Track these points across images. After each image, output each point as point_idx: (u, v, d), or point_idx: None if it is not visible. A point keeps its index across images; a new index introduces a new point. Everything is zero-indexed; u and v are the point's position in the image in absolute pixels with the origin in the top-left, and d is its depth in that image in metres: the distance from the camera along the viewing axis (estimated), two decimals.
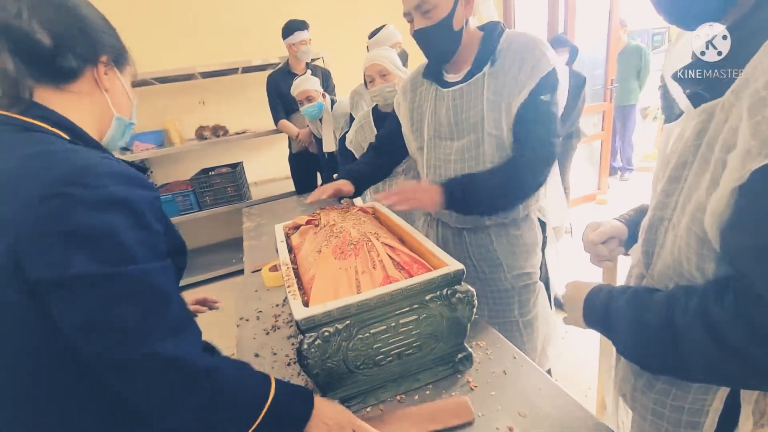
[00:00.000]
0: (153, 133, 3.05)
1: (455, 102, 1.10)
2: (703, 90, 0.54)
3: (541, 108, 1.02)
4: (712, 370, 0.50)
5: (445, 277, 0.78)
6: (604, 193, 3.99)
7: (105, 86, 0.68)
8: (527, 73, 1.00)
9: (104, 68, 0.67)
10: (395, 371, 0.82)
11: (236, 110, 3.50)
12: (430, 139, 1.18)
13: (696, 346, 0.49)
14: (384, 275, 0.81)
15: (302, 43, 2.65)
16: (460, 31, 1.03)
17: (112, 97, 0.70)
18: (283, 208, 2.51)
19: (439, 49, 1.07)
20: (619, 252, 0.81)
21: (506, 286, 1.19)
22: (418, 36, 1.05)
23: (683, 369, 0.53)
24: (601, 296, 0.64)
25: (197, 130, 3.19)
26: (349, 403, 0.80)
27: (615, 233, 0.80)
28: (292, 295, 0.78)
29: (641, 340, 0.56)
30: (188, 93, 3.36)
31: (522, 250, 1.18)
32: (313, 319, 0.71)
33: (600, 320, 0.64)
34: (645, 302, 0.56)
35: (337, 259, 0.85)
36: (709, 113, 0.52)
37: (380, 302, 0.74)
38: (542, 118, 1.03)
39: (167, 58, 3.11)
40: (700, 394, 0.59)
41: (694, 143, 0.54)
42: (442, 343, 0.84)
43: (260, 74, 3.33)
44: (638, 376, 0.68)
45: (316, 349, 0.72)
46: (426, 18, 1.01)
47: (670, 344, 0.52)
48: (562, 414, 0.73)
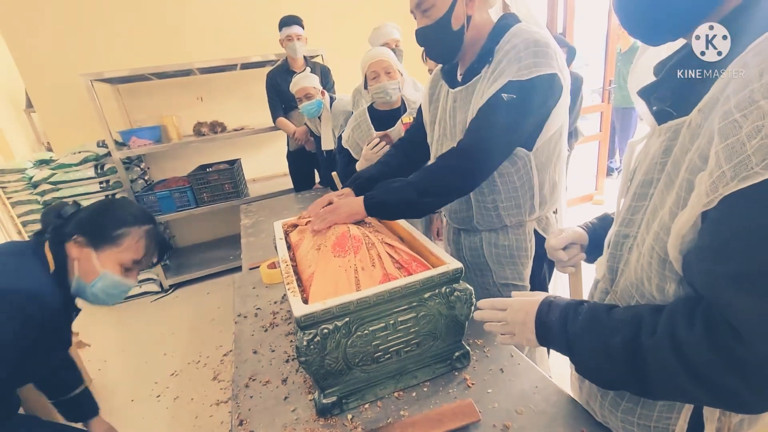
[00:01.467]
0: (150, 129, 3.03)
1: (455, 104, 1.09)
2: (669, 107, 0.54)
3: (494, 104, 0.92)
4: (677, 392, 0.49)
5: (444, 275, 0.79)
6: (601, 194, 4.01)
7: (73, 255, 1.00)
8: (503, 75, 0.92)
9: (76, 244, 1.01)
10: (393, 368, 0.83)
11: (234, 106, 3.49)
12: (439, 137, 1.17)
13: (662, 368, 0.48)
14: (383, 273, 0.82)
15: (289, 39, 2.64)
16: (461, 30, 0.98)
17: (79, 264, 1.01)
18: (280, 206, 2.51)
19: (438, 49, 1.03)
20: (579, 258, 0.83)
21: (494, 291, 1.19)
22: (418, 35, 1.02)
23: (646, 389, 0.52)
24: (553, 314, 0.62)
25: (195, 126, 3.18)
26: (347, 399, 0.81)
27: (576, 239, 0.81)
28: (291, 292, 0.79)
29: (603, 361, 0.54)
30: (186, 89, 3.34)
31: (508, 261, 1.14)
32: (313, 316, 0.71)
33: (557, 340, 0.61)
34: (606, 321, 0.55)
35: (336, 256, 0.85)
36: (675, 131, 0.52)
37: (379, 300, 0.75)
38: (488, 115, 0.93)
39: (165, 53, 3.10)
40: (664, 412, 0.59)
41: (660, 161, 0.54)
42: (440, 341, 0.84)
43: (259, 71, 3.32)
44: (604, 395, 0.68)
45: (315, 346, 0.73)
46: (426, 17, 0.98)
47: (634, 364, 0.51)
48: (558, 411, 0.74)
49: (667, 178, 0.51)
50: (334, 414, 0.80)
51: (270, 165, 3.78)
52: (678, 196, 0.48)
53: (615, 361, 0.53)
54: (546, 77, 0.90)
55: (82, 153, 2.78)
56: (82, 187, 2.79)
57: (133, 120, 3.28)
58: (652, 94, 0.57)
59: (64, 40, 2.89)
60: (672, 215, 0.48)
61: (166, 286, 3.14)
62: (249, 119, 3.51)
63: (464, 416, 0.75)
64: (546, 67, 0.89)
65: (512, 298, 0.71)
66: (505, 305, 0.69)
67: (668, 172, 0.51)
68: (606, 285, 0.67)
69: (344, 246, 0.87)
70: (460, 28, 0.98)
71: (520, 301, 0.68)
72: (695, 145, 0.46)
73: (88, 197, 2.80)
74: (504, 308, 0.69)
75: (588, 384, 0.71)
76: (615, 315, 0.55)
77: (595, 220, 0.84)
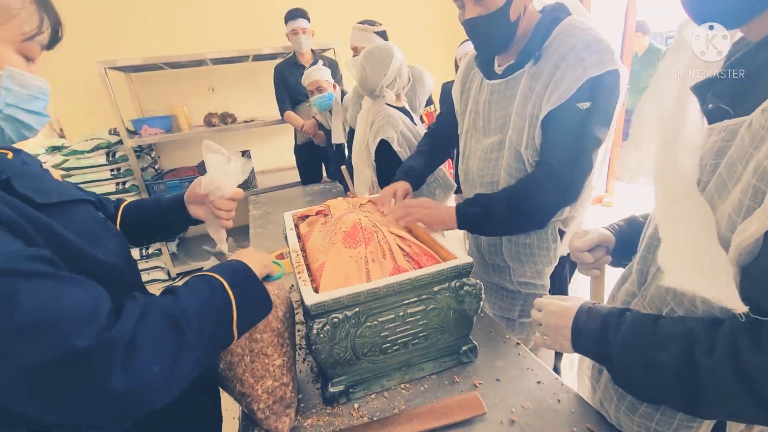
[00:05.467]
0: (161, 119, 3.05)
1: (492, 97, 1.04)
2: (726, 105, 0.49)
3: (571, 117, 0.88)
4: (733, 414, 0.47)
5: (455, 269, 0.79)
6: (611, 196, 3.98)
7: None
8: (567, 78, 0.87)
9: None
10: (401, 360, 0.83)
11: (245, 98, 3.50)
12: (468, 128, 1.15)
13: (720, 390, 0.45)
14: (393, 265, 0.82)
15: (294, 33, 2.64)
16: (517, 21, 0.91)
17: None
18: (289, 198, 2.52)
19: (491, 41, 0.96)
20: (605, 261, 0.80)
21: (512, 288, 1.17)
22: (469, 26, 0.94)
23: (696, 408, 0.50)
24: (593, 322, 0.60)
25: (206, 117, 3.20)
26: (354, 389, 0.81)
27: (601, 242, 0.78)
28: (303, 281, 0.79)
29: (648, 376, 0.52)
30: (198, 79, 3.36)
31: (529, 259, 1.11)
32: (323, 305, 0.72)
33: (595, 349, 0.60)
34: (652, 334, 0.53)
35: (347, 247, 0.86)
36: (732, 132, 0.48)
37: (389, 291, 0.75)
38: (569, 130, 0.89)
39: (178, 43, 3.11)
40: (686, 420, 0.57)
41: (710, 162, 0.50)
42: (448, 335, 0.85)
43: (271, 63, 3.31)
44: (621, 398, 0.66)
45: (325, 335, 0.73)
46: (480, 5, 0.89)
47: (685, 384, 0.48)
48: (564, 408, 0.74)
49: (718, 182, 0.48)
50: (341, 403, 0.81)
51: (279, 157, 3.79)
52: (740, 203, 0.44)
53: (662, 378, 0.51)
54: (613, 73, 0.86)
55: (94, 140, 2.81)
56: (93, 174, 2.82)
57: (144, 109, 3.31)
58: (709, 91, 0.52)
59: (78, 27, 2.91)
60: (731, 223, 0.45)
61: (174, 275, 3.17)
62: (259, 111, 3.52)
63: (470, 409, 0.75)
64: (611, 63, 0.86)
65: (547, 299, 0.69)
66: (541, 306, 0.68)
67: (720, 175, 0.48)
68: (634, 288, 0.66)
69: (355, 237, 0.87)
70: (516, 19, 0.91)
71: (555, 305, 0.66)
72: (764, 149, 0.42)
73: (99, 184, 2.83)
74: (540, 309, 0.69)
75: (604, 384, 0.70)
76: (662, 328, 0.53)
77: (622, 222, 0.81)
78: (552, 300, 0.69)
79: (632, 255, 0.69)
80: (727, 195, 0.46)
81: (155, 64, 2.88)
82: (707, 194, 0.50)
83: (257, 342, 0.72)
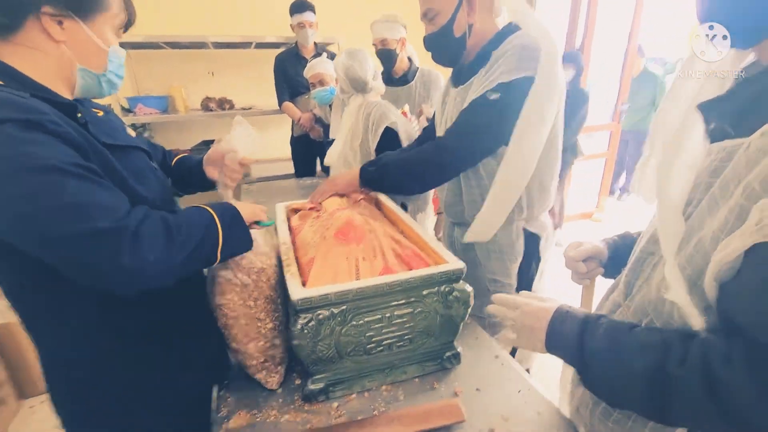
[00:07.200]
0: (158, 99, 3.00)
1: (456, 101, 1.14)
2: (729, 125, 0.49)
3: (477, 102, 1.00)
4: (700, 424, 0.48)
5: (445, 274, 0.79)
6: (601, 212, 4.03)
7: (58, 38, 0.66)
8: (491, 78, 0.98)
9: (52, 19, 0.64)
10: (384, 361, 0.82)
11: (245, 85, 3.46)
12: (442, 133, 1.21)
13: (689, 401, 0.46)
14: (384, 265, 0.82)
15: (301, 26, 2.60)
16: (462, 37, 1.05)
17: (74, 49, 0.68)
18: (282, 189, 2.49)
19: (441, 54, 1.11)
20: (597, 272, 0.83)
21: (484, 284, 1.21)
22: (425, 42, 1.11)
23: (663, 416, 0.51)
24: (569, 324, 0.61)
25: (203, 101, 3.15)
26: (334, 387, 0.80)
27: (594, 254, 0.81)
28: (291, 275, 0.78)
29: (621, 382, 0.53)
30: (198, 62, 3.30)
31: (497, 257, 1.17)
32: (310, 300, 0.71)
33: (569, 351, 0.60)
34: (628, 341, 0.53)
35: (339, 244, 0.85)
36: (729, 152, 0.48)
37: (378, 291, 0.74)
38: (469, 111, 1.02)
39: (180, 22, 3.06)
40: (657, 430, 0.58)
41: (705, 181, 0.51)
42: (433, 339, 0.84)
43: (272, 51, 3.27)
44: (596, 403, 0.67)
45: (309, 331, 0.72)
46: (432, 24, 1.06)
47: (655, 392, 0.49)
48: (544, 420, 0.74)
49: (711, 200, 0.48)
50: (320, 400, 0.80)
51: (274, 148, 3.75)
52: (726, 221, 0.45)
53: (634, 385, 0.51)
54: (524, 80, 0.95)
55: None
56: None
57: (141, 88, 3.24)
58: (714, 110, 0.53)
59: None
60: (715, 240, 0.46)
61: None
62: (258, 99, 3.48)
63: (450, 415, 0.75)
64: (527, 70, 0.95)
65: (523, 299, 0.70)
66: (517, 305, 0.69)
67: (713, 194, 0.48)
68: (620, 299, 0.67)
69: (348, 234, 0.86)
70: (461, 35, 1.05)
71: (531, 306, 0.67)
72: (756, 170, 0.42)
73: None
74: (515, 308, 0.69)
75: (582, 391, 0.71)
76: (638, 336, 0.53)
77: (616, 237, 0.84)
78: (529, 300, 0.69)
79: (623, 268, 0.70)
80: (717, 213, 0.47)
81: (155, 43, 2.82)
82: (699, 211, 0.50)
83: (251, 308, 0.80)
